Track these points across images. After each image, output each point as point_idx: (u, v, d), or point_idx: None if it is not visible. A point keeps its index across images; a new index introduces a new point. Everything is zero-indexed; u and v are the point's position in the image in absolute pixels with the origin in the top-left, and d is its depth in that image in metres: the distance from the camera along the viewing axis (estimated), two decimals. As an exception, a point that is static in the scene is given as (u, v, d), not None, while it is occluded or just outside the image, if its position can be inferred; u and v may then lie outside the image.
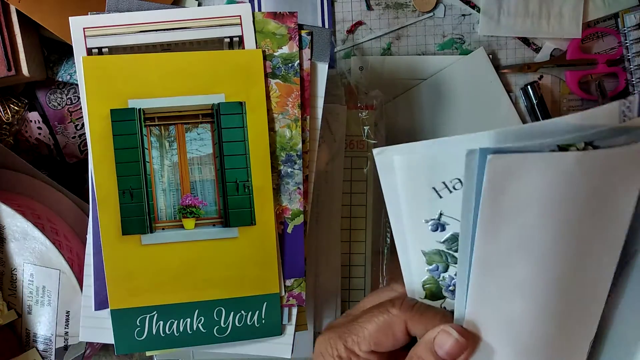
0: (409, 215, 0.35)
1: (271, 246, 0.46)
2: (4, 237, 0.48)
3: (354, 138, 0.53)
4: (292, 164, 0.46)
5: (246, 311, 0.46)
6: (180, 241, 0.45)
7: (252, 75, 0.45)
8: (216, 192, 0.46)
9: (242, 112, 0.45)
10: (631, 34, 0.53)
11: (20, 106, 0.54)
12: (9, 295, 0.49)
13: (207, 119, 0.46)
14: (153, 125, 0.45)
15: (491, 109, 0.54)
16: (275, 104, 0.46)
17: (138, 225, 0.45)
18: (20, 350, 0.50)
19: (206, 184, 0.46)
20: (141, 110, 0.45)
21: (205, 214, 0.46)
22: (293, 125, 0.46)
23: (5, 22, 0.50)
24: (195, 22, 0.47)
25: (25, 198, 0.51)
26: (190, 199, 0.46)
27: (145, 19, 0.46)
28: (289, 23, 0.47)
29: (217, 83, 0.45)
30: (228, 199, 0.45)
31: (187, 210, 0.46)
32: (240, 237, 0.46)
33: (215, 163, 0.46)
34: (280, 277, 0.46)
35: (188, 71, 0.45)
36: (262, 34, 0.47)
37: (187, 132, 0.46)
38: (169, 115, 0.45)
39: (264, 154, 0.45)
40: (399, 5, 0.55)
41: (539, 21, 0.55)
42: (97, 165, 0.44)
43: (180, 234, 0.45)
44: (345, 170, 0.52)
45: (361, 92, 0.53)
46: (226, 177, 0.45)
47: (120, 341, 0.45)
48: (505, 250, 0.31)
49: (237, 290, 0.46)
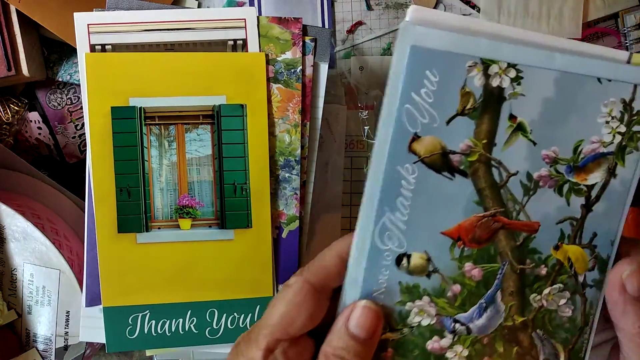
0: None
1: (266, 250, 0.46)
2: (4, 237, 0.48)
3: (354, 138, 0.53)
4: (290, 169, 0.46)
5: (239, 313, 0.46)
6: (175, 241, 0.45)
7: (254, 79, 0.46)
8: (214, 193, 0.46)
9: (243, 115, 0.45)
10: (631, 34, 0.53)
11: (20, 106, 0.54)
12: (9, 295, 0.50)
13: (208, 120, 0.46)
14: (153, 124, 0.45)
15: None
16: (276, 109, 0.46)
17: (134, 224, 0.45)
18: (20, 350, 0.50)
19: (204, 185, 0.46)
20: (142, 109, 0.45)
21: (202, 215, 0.46)
22: (293, 131, 0.46)
23: (5, 22, 0.50)
24: (199, 24, 0.47)
25: (25, 198, 0.51)
26: (188, 199, 0.46)
27: (149, 18, 0.46)
28: (294, 29, 0.47)
29: (218, 85, 0.45)
30: (225, 201, 0.45)
31: (183, 210, 0.46)
32: (236, 240, 0.46)
33: (214, 164, 0.46)
34: (274, 281, 0.46)
35: (190, 72, 0.45)
36: (266, 38, 0.47)
37: (187, 132, 0.46)
38: (169, 115, 0.45)
39: (263, 157, 0.45)
40: (399, 5, 0.55)
41: (539, 21, 0.55)
42: (95, 162, 0.44)
43: (175, 234, 0.45)
44: (345, 170, 0.52)
45: (361, 92, 0.53)
46: (224, 179, 0.45)
47: (112, 339, 0.45)
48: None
49: (231, 293, 0.46)
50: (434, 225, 0.36)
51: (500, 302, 0.37)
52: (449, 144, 0.35)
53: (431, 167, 0.35)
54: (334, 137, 0.51)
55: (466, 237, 0.36)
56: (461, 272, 0.36)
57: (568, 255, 0.36)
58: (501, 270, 0.37)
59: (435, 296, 0.37)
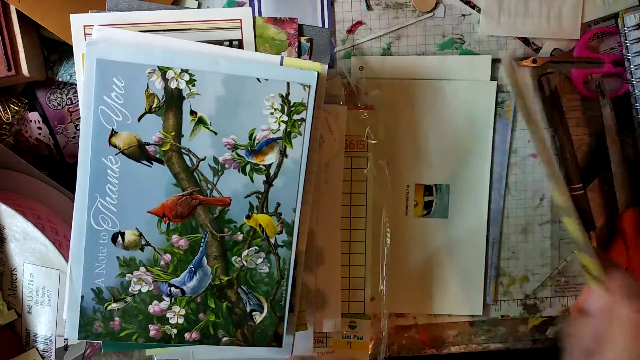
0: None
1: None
2: (4, 237, 0.48)
3: (354, 138, 0.52)
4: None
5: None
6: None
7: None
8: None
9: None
10: (631, 34, 0.53)
11: (20, 106, 0.54)
12: (9, 295, 0.49)
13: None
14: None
15: (483, 110, 0.54)
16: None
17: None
18: (20, 350, 0.50)
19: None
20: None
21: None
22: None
23: (5, 22, 0.50)
24: (196, 24, 0.47)
25: (25, 198, 0.51)
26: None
27: (146, 19, 0.46)
28: (289, 29, 0.47)
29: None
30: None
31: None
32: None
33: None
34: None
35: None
36: (261, 39, 0.47)
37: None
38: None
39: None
40: (399, 5, 0.55)
41: (539, 21, 0.55)
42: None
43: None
44: (345, 170, 0.52)
45: (361, 92, 0.53)
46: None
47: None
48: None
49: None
50: (141, 206, 0.43)
51: (207, 266, 0.44)
52: (143, 137, 0.42)
53: (131, 157, 0.42)
54: (334, 137, 0.51)
55: (170, 213, 0.43)
56: (170, 243, 0.43)
57: (259, 222, 0.44)
58: (204, 239, 0.44)
59: (150, 266, 0.43)
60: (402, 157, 0.55)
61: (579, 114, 0.56)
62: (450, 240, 0.56)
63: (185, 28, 0.46)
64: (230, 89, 0.42)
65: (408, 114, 0.54)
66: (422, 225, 0.56)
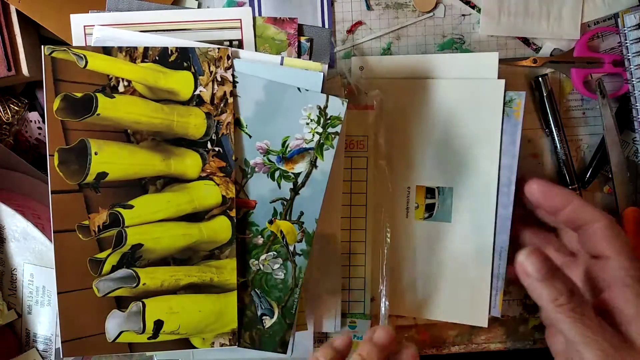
0: None
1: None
2: (4, 237, 0.48)
3: (354, 138, 0.52)
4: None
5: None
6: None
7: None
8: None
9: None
10: (631, 34, 0.53)
11: (20, 106, 0.54)
12: (9, 295, 0.49)
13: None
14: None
15: (490, 110, 0.54)
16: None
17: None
18: (20, 350, 0.50)
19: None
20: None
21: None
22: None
23: (5, 22, 0.50)
24: (196, 24, 0.47)
25: (25, 198, 0.51)
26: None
27: (146, 19, 0.46)
28: (289, 29, 0.47)
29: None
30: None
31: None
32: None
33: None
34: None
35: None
36: (261, 39, 0.47)
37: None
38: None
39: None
40: (399, 5, 0.55)
41: (539, 21, 0.55)
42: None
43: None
44: (345, 170, 0.52)
45: (361, 92, 0.53)
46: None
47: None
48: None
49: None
50: None
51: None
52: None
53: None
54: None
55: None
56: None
57: (280, 228, 0.45)
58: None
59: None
60: (403, 157, 0.54)
61: (579, 114, 0.56)
62: (453, 246, 0.54)
63: (185, 28, 0.46)
64: (270, 94, 0.43)
65: (409, 114, 0.54)
66: (423, 229, 0.54)
